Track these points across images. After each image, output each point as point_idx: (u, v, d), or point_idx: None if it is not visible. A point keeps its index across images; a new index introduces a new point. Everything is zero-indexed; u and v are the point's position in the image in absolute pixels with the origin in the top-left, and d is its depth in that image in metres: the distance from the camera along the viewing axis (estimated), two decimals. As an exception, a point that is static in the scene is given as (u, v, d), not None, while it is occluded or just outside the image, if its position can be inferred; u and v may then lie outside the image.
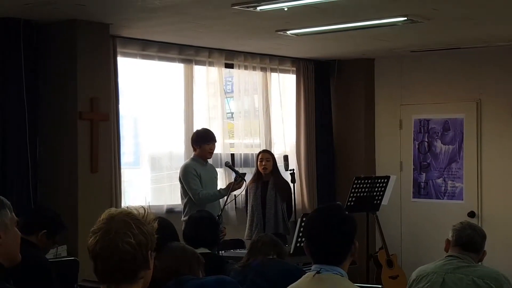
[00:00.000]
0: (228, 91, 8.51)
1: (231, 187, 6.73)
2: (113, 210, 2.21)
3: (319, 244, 2.90)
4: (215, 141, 6.96)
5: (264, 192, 7.43)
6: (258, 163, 7.52)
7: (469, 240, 4.00)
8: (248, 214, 7.53)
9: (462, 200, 8.46)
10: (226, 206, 6.95)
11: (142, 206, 2.24)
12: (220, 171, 7.77)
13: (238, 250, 6.73)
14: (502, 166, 8.21)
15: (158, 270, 2.91)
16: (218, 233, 5.10)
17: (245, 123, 8.42)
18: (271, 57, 8.52)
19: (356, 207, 7.49)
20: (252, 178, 7.58)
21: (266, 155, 7.53)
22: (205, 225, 4.79)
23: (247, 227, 7.49)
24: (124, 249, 2.12)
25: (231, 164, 7.35)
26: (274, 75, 8.69)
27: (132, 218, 2.17)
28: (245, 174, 6.87)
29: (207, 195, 6.73)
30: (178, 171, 6.94)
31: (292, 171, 7.61)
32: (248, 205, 7.53)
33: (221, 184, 7.57)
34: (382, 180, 7.80)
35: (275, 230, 7.15)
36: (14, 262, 2.51)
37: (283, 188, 7.47)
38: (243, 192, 7.43)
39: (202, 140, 6.85)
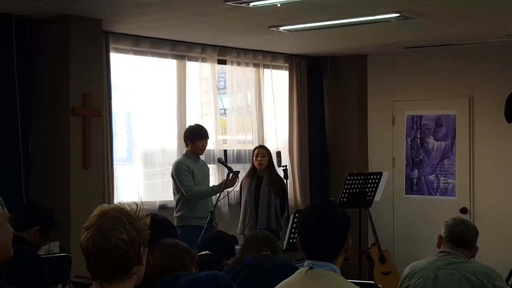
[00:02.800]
0: (221, 87, 8.50)
1: (224, 183, 6.73)
2: (105, 206, 2.21)
3: (312, 240, 2.91)
4: (208, 137, 6.96)
5: (258, 188, 7.45)
6: (254, 158, 7.54)
7: (461, 236, 4.01)
8: (241, 209, 7.55)
9: (455, 196, 8.48)
10: (218, 203, 6.95)
11: (135, 202, 2.24)
12: (212, 167, 7.77)
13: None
14: (494, 162, 8.23)
15: (151, 266, 2.91)
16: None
17: (238, 119, 8.42)
18: (264, 53, 8.51)
19: (348, 203, 7.50)
20: (247, 173, 7.61)
21: (262, 151, 7.55)
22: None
23: (240, 222, 7.51)
24: (117, 245, 2.12)
25: (223, 160, 7.35)
26: (267, 71, 8.68)
27: (125, 214, 2.17)
28: (238, 172, 6.86)
29: (200, 191, 6.73)
30: (171, 167, 6.93)
31: (285, 167, 7.62)
32: (242, 199, 7.55)
33: (213, 180, 7.57)
34: (375, 176, 7.81)
35: (267, 226, 7.16)
36: (6, 258, 2.50)
37: (277, 184, 7.48)
38: (237, 187, 7.44)
39: (195, 136, 6.85)
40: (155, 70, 7.71)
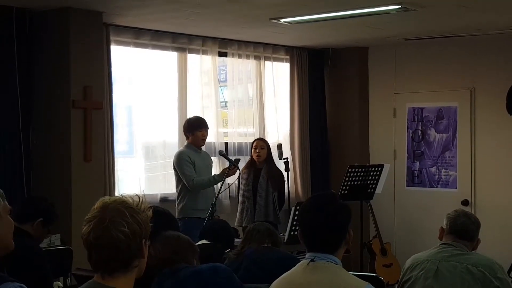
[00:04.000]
0: (222, 79, 8.50)
1: (226, 173, 6.72)
2: (107, 198, 2.20)
3: (314, 232, 2.90)
4: (207, 127, 6.95)
5: (256, 180, 7.42)
6: (252, 150, 7.52)
7: (463, 228, 4.00)
8: (239, 201, 7.53)
9: (456, 188, 8.47)
10: (220, 195, 6.94)
11: (137, 194, 2.23)
12: (214, 160, 7.76)
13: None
14: (495, 154, 8.22)
15: (153, 259, 2.91)
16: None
17: (238, 112, 8.41)
18: (265, 45, 8.50)
19: (350, 195, 7.50)
20: (246, 165, 7.58)
21: (261, 143, 7.53)
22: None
23: (237, 214, 7.49)
24: (118, 238, 2.11)
25: (224, 153, 7.34)
26: (268, 64, 8.67)
27: (126, 207, 2.16)
28: (239, 160, 6.86)
29: (201, 181, 6.72)
30: (172, 159, 6.93)
31: (286, 160, 7.61)
32: (240, 192, 7.53)
33: (215, 172, 7.55)
34: (376, 169, 7.81)
35: (265, 219, 7.12)
36: (7, 251, 2.50)
37: (275, 177, 7.45)
38: (236, 180, 7.42)
39: (194, 127, 6.84)
40: (156, 62, 7.70)
